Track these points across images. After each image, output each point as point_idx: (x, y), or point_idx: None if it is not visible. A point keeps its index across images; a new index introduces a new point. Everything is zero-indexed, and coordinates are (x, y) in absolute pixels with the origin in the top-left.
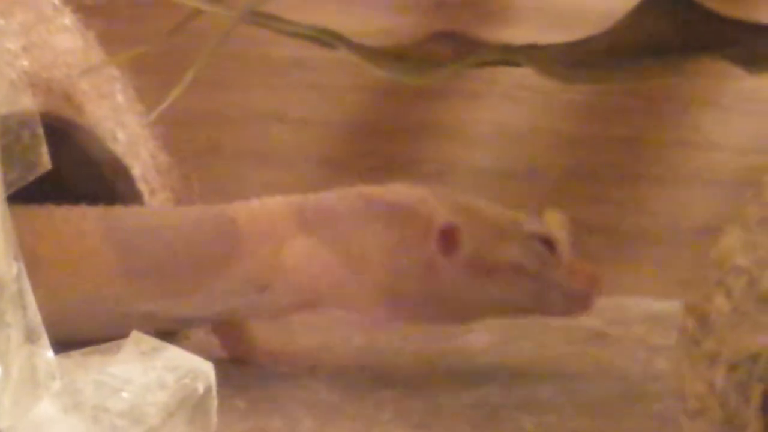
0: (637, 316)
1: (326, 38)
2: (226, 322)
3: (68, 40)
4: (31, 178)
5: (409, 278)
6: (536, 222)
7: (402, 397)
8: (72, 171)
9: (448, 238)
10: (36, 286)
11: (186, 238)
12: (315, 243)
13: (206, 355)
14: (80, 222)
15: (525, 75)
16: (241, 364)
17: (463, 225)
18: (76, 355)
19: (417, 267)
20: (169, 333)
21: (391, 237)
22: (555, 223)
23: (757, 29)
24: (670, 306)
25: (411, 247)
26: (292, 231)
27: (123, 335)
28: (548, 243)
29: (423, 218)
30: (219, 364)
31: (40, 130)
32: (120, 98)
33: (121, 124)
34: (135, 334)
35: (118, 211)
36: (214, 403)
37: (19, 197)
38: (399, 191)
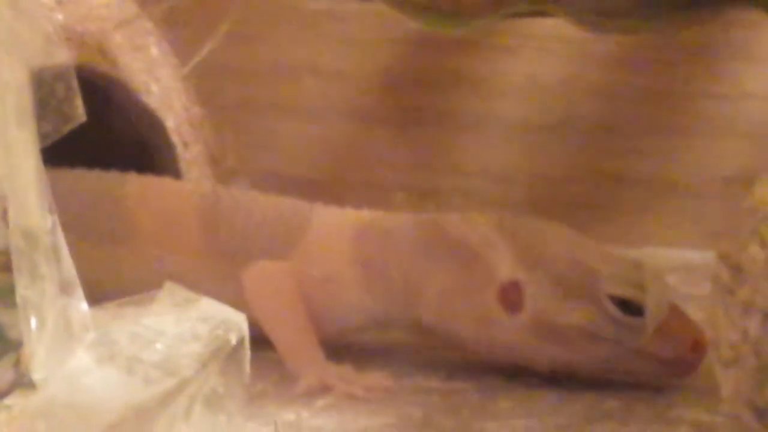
0: (670, 267)
1: None
2: None
3: None
4: (66, 130)
5: (463, 322)
6: (618, 274)
7: None
8: (107, 124)
9: (511, 294)
10: (130, 251)
11: (266, 224)
12: (367, 268)
13: None
14: (185, 198)
15: (557, 26)
16: None
17: (528, 282)
18: (110, 306)
19: (473, 315)
20: None
21: (447, 275)
22: (649, 279)
23: None
24: (703, 256)
25: (468, 293)
26: (346, 251)
27: None
28: (631, 303)
29: (486, 266)
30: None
31: (75, 83)
32: (154, 51)
33: (155, 77)
34: (168, 285)
35: (222, 191)
36: (247, 353)
37: (56, 150)
38: (470, 228)
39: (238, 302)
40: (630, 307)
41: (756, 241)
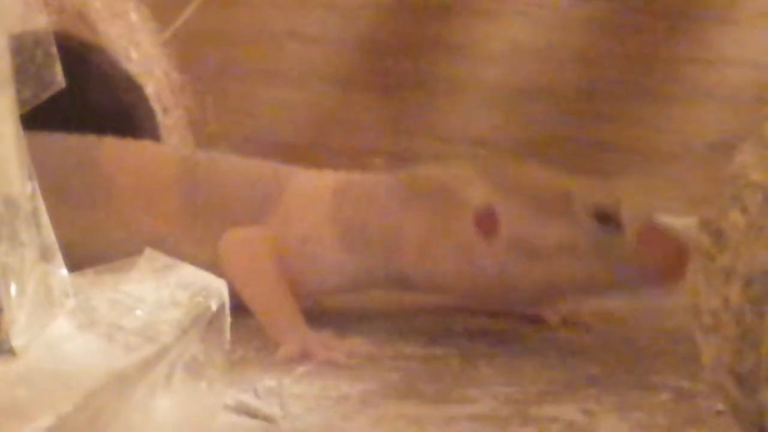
0: None
1: None
2: None
3: None
4: (45, 96)
5: (443, 260)
6: (592, 193)
7: None
8: (87, 90)
9: (486, 219)
10: (108, 213)
11: (245, 187)
12: (345, 227)
13: None
14: (164, 162)
15: None
16: None
17: (502, 205)
18: (90, 273)
19: (453, 249)
20: None
21: (424, 218)
22: (623, 196)
23: None
24: (684, 222)
25: (446, 229)
26: (325, 212)
27: None
28: (608, 215)
29: (459, 198)
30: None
31: (54, 49)
32: (133, 17)
33: (135, 43)
34: (148, 251)
35: (201, 155)
36: (228, 320)
37: (35, 117)
38: (443, 168)
39: (217, 265)
40: (607, 223)
41: (737, 208)
